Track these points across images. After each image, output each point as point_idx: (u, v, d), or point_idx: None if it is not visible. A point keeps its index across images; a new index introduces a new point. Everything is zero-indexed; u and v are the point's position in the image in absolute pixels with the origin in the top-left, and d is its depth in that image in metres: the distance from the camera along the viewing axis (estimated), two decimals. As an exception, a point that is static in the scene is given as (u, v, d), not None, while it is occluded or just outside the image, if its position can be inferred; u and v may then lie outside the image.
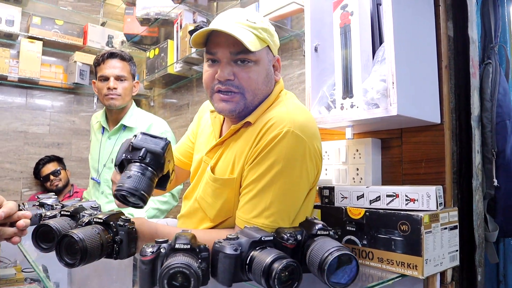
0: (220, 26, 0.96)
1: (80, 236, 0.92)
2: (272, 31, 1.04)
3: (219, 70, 0.99)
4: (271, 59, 1.05)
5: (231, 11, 1.04)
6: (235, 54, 0.97)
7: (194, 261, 0.76)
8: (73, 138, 3.54)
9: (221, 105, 1.02)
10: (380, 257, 1.01)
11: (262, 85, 1.02)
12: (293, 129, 0.94)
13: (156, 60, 2.84)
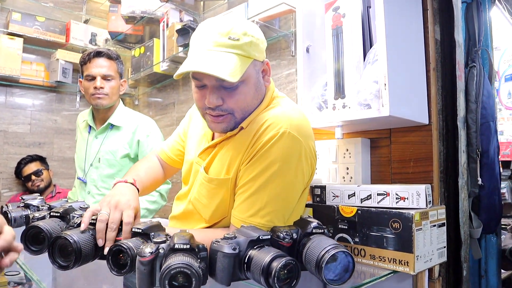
0: (199, 60, 0.93)
1: (74, 238, 0.91)
2: (256, 40, 0.98)
3: (208, 96, 0.97)
4: (258, 68, 1.02)
5: (212, 25, 0.97)
6: (221, 81, 0.93)
7: (194, 261, 0.76)
8: (55, 138, 3.47)
9: (212, 125, 1.02)
10: (372, 254, 1.04)
11: (251, 101, 1.01)
12: (289, 130, 0.95)
13: (141, 58, 2.82)
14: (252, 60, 0.98)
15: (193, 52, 0.97)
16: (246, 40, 0.95)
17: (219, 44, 0.94)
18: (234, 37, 0.94)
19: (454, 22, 1.22)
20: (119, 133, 1.91)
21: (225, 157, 1.04)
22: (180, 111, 2.86)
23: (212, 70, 0.90)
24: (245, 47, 0.95)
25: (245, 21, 1.01)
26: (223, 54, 0.93)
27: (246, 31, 0.96)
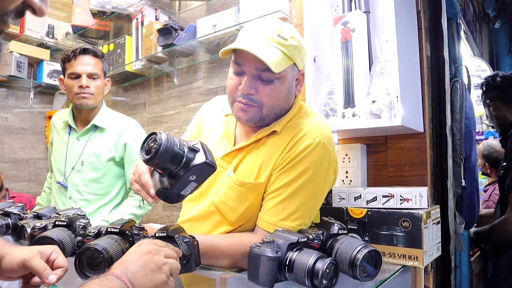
0: (249, 43, 1.00)
1: (103, 246, 0.90)
2: (300, 47, 1.06)
3: (243, 83, 1.03)
4: (295, 74, 1.09)
5: (265, 22, 1.06)
6: (261, 71, 1.01)
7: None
8: (6, 137, 3.23)
9: (239, 113, 1.07)
10: (383, 251, 1.13)
11: (281, 102, 1.07)
12: (323, 140, 1.02)
13: (110, 56, 2.72)
14: (293, 63, 1.05)
15: (244, 38, 1.04)
16: (292, 42, 1.03)
17: (269, 38, 1.01)
18: (283, 36, 1.02)
19: (444, 41, 1.35)
20: (103, 135, 1.85)
21: (255, 162, 1.07)
22: (151, 111, 2.81)
23: (260, 54, 0.97)
24: (290, 48, 1.03)
25: (295, 29, 1.08)
26: (271, 47, 1.00)
27: (294, 35, 1.05)
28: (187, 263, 0.92)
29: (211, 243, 1.03)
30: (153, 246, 0.79)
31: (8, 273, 0.85)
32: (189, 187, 0.91)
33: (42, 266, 0.83)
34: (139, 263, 0.73)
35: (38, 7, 0.52)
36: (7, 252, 0.86)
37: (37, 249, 0.88)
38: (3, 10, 0.49)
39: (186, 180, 0.89)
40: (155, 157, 0.84)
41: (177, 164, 0.88)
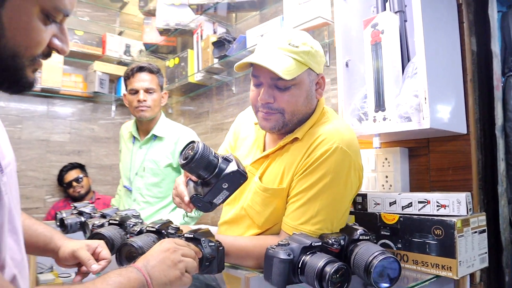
0: (260, 56, 1.05)
1: (139, 244, 1.00)
2: (314, 52, 1.08)
3: (261, 93, 1.08)
4: (313, 79, 1.11)
5: (277, 33, 1.10)
6: (276, 80, 1.05)
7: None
8: (93, 146, 3.62)
9: (263, 123, 1.12)
10: (415, 260, 1.09)
11: (301, 106, 1.09)
12: (341, 145, 1.03)
13: (176, 69, 2.93)
14: (307, 68, 1.07)
15: (257, 51, 1.10)
16: (305, 48, 1.06)
17: (280, 48, 1.05)
18: (294, 44, 1.05)
19: (491, 33, 1.25)
20: (162, 144, 2.02)
21: (278, 168, 1.11)
22: (214, 119, 2.95)
23: (268, 65, 1.01)
24: (302, 54, 1.05)
25: (307, 34, 1.11)
26: (282, 56, 1.04)
27: (306, 42, 1.07)
28: (210, 265, 0.98)
29: (238, 244, 1.09)
30: (173, 244, 0.86)
31: (63, 261, 1.00)
32: (221, 195, 0.97)
33: (87, 256, 0.97)
34: (158, 259, 0.81)
35: (61, 48, 0.66)
36: (62, 244, 1.01)
37: (85, 243, 1.03)
38: (34, 55, 0.62)
39: (219, 188, 0.96)
40: (191, 162, 0.93)
41: (211, 171, 0.95)
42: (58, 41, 0.66)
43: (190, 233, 1.01)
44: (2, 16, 0.57)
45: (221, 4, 2.46)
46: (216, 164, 0.96)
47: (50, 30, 0.64)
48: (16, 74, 0.62)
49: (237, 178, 0.95)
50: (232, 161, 0.98)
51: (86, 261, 0.97)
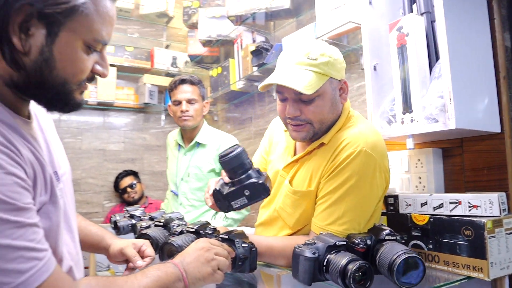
0: (281, 75, 1.10)
1: (178, 243, 1.10)
2: (333, 60, 1.11)
3: (288, 107, 1.13)
4: (335, 86, 1.14)
5: (294, 49, 1.14)
6: (299, 94, 1.09)
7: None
8: (145, 153, 3.84)
9: (293, 134, 1.18)
10: (446, 260, 1.09)
11: (328, 114, 1.14)
12: (365, 148, 1.06)
13: (219, 78, 3.05)
14: (328, 77, 1.11)
15: (277, 69, 1.15)
16: (323, 60, 1.09)
17: (299, 63, 1.10)
18: (312, 57, 1.09)
19: (525, 29, 1.22)
20: (204, 150, 2.14)
21: (307, 171, 1.17)
22: (257, 125, 3.04)
23: (289, 83, 1.06)
24: (321, 66, 1.09)
25: (325, 44, 1.15)
26: (301, 71, 1.08)
27: (324, 52, 1.11)
28: (243, 264, 1.05)
29: (271, 244, 1.15)
30: (207, 244, 0.94)
31: (113, 258, 1.13)
32: (240, 200, 1.04)
33: (133, 254, 1.09)
34: (193, 256, 0.90)
35: (102, 73, 0.78)
36: (112, 242, 1.14)
37: (132, 242, 1.14)
38: (80, 80, 0.74)
39: (240, 193, 1.04)
40: (226, 156, 1.03)
41: (241, 173, 1.04)
42: (99, 67, 0.77)
43: (225, 234, 1.08)
44: (53, 51, 0.69)
45: (258, 14, 2.54)
46: (247, 169, 1.04)
47: (92, 58, 0.75)
48: (67, 97, 0.74)
49: (259, 191, 1.02)
50: (263, 175, 1.06)
51: (132, 258, 1.08)
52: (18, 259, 0.60)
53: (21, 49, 0.67)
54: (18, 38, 0.66)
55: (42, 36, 0.68)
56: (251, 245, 1.07)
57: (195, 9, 3.39)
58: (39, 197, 0.71)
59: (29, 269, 0.61)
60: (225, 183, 1.08)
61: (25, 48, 0.67)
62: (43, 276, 0.63)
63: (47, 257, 0.65)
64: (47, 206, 0.74)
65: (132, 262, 1.09)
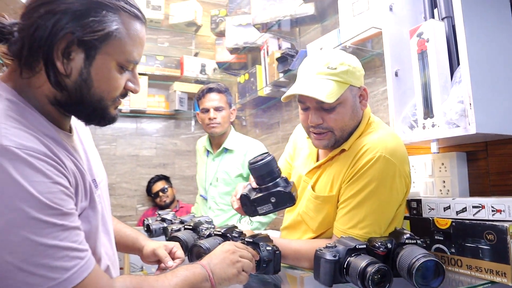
0: (302, 85, 1.14)
1: (206, 246, 1.16)
2: (352, 69, 1.14)
3: (310, 116, 1.17)
4: (355, 93, 1.17)
5: (313, 59, 1.18)
6: (321, 103, 1.12)
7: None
8: (176, 158, 3.96)
9: (316, 142, 1.22)
10: (469, 265, 1.09)
11: (349, 121, 1.17)
12: (384, 154, 1.09)
13: (246, 84, 3.12)
14: (349, 85, 1.14)
15: (298, 79, 1.19)
16: (343, 68, 1.13)
17: (320, 73, 1.13)
18: (332, 66, 1.13)
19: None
20: (232, 156, 2.21)
21: (329, 177, 1.21)
22: (284, 129, 3.08)
23: (311, 93, 1.10)
24: (341, 75, 1.13)
25: (343, 53, 1.19)
26: (322, 81, 1.12)
27: (344, 61, 1.14)
28: (267, 266, 1.10)
29: (294, 247, 1.20)
30: (233, 247, 1.00)
31: (146, 258, 1.21)
32: (265, 206, 1.10)
33: (165, 254, 1.16)
34: (220, 258, 0.95)
35: (133, 89, 0.86)
36: (145, 243, 1.22)
37: (163, 243, 1.22)
38: (114, 97, 0.82)
39: (266, 199, 1.09)
40: (256, 164, 1.08)
41: (269, 180, 1.09)
42: (131, 84, 0.85)
43: (250, 238, 1.14)
44: (91, 72, 0.77)
45: (283, 21, 2.59)
46: (275, 177, 1.09)
47: (124, 77, 0.83)
48: (103, 112, 0.83)
49: (285, 199, 1.07)
50: (290, 185, 1.10)
51: (163, 258, 1.15)
52: (64, 258, 0.68)
53: (63, 72, 0.75)
54: (61, 62, 0.75)
55: (81, 60, 0.76)
56: (275, 248, 1.12)
57: (222, 18, 3.49)
58: (80, 203, 0.79)
59: (73, 267, 0.68)
60: (253, 188, 1.13)
61: (67, 71, 0.76)
62: (84, 273, 0.70)
63: (87, 256, 0.72)
64: (87, 211, 0.82)
65: (163, 262, 1.16)
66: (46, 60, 0.74)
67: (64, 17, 0.73)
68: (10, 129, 0.69)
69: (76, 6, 0.74)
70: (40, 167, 0.68)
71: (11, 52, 0.78)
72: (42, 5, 0.74)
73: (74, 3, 0.74)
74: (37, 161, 0.68)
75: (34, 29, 0.73)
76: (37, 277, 0.65)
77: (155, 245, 1.20)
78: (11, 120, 0.71)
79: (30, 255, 0.65)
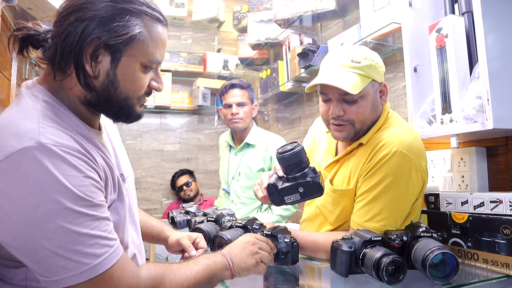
0: (327, 76, 1.17)
1: (228, 237, 1.21)
2: (375, 64, 1.17)
3: (331, 108, 1.19)
4: (376, 88, 1.20)
5: (337, 52, 1.21)
6: (343, 95, 1.16)
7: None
8: (199, 153, 4.04)
9: (335, 134, 1.24)
10: (485, 258, 1.10)
11: (369, 115, 1.20)
12: (401, 149, 1.11)
13: (268, 79, 3.16)
14: (371, 80, 1.18)
15: (323, 71, 1.22)
16: (366, 63, 1.16)
17: (344, 65, 1.17)
18: (356, 60, 1.16)
19: None
20: (254, 151, 2.26)
21: (346, 171, 1.24)
22: (306, 124, 3.10)
23: (337, 83, 1.13)
24: (365, 69, 1.16)
25: (366, 49, 1.21)
26: (346, 73, 1.16)
27: (367, 56, 1.18)
28: (285, 258, 1.14)
29: (312, 239, 1.23)
30: (253, 238, 1.05)
31: (171, 248, 1.27)
32: (293, 196, 1.10)
33: (188, 244, 1.22)
34: (240, 248, 1.00)
35: (157, 87, 0.91)
36: (170, 234, 1.28)
37: (187, 234, 1.28)
38: (139, 95, 0.88)
39: (294, 188, 1.09)
40: (286, 153, 1.08)
41: (297, 170, 1.08)
42: (155, 83, 0.91)
43: (268, 230, 1.18)
44: (117, 73, 0.83)
45: (304, 16, 2.61)
46: (304, 167, 1.09)
47: (148, 76, 0.89)
48: (129, 110, 0.89)
49: (313, 189, 1.07)
50: (319, 175, 1.10)
51: (187, 248, 1.21)
52: (95, 245, 0.74)
53: (92, 74, 0.82)
54: (90, 65, 0.81)
55: (107, 62, 0.82)
56: (293, 240, 1.16)
57: (244, 14, 3.52)
58: (110, 196, 0.86)
59: (103, 254, 0.75)
60: (279, 177, 1.14)
61: (95, 73, 0.82)
62: (113, 260, 0.76)
63: (116, 245, 0.78)
64: (116, 203, 0.89)
65: (187, 252, 1.22)
66: (76, 63, 0.81)
67: (91, 23, 0.80)
68: (47, 128, 0.75)
69: (102, 12, 0.80)
70: (74, 162, 0.75)
71: (46, 57, 0.85)
72: (72, 13, 0.81)
73: (100, 10, 0.80)
74: (71, 157, 0.75)
75: (65, 36, 0.80)
76: (71, 262, 0.72)
77: (180, 235, 1.26)
78: (48, 119, 0.78)
79: (65, 241, 0.71)
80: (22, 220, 0.70)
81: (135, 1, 0.83)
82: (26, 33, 0.85)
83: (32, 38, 0.86)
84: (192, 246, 1.23)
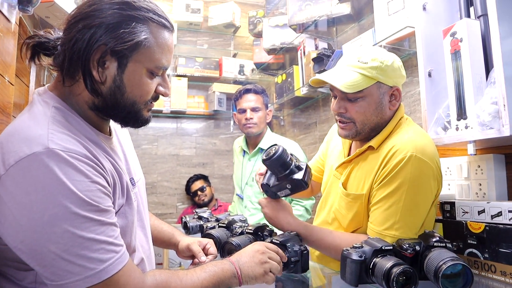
0: (329, 73, 1.19)
1: (237, 242, 1.20)
2: (385, 67, 1.14)
3: (334, 104, 1.22)
4: (384, 91, 1.18)
5: (352, 51, 1.22)
6: (345, 93, 1.16)
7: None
8: (215, 158, 4.05)
9: (339, 131, 1.26)
10: (503, 271, 1.06)
11: (371, 116, 1.19)
12: (415, 153, 1.09)
13: (284, 84, 3.14)
14: (376, 81, 1.16)
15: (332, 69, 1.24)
16: (373, 64, 1.15)
17: (349, 65, 1.18)
18: (362, 60, 1.16)
19: None
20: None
21: (359, 174, 1.22)
22: (322, 129, 3.08)
23: (331, 80, 1.16)
24: (370, 69, 1.15)
25: (381, 51, 1.20)
26: (349, 72, 1.16)
27: (377, 57, 1.16)
28: (294, 266, 1.13)
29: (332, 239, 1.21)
30: (263, 247, 1.04)
31: (181, 253, 1.27)
32: (283, 191, 1.24)
33: (198, 250, 1.22)
34: (249, 257, 0.99)
35: (164, 92, 0.92)
36: (181, 239, 1.29)
37: (197, 239, 1.28)
38: (146, 100, 0.89)
39: (283, 186, 1.23)
40: (268, 160, 1.20)
41: (283, 171, 1.21)
42: (162, 88, 0.92)
43: (277, 239, 1.17)
44: (123, 79, 0.84)
45: (320, 21, 2.59)
46: (288, 167, 1.21)
47: (155, 81, 0.89)
48: (136, 115, 0.89)
49: (298, 185, 1.20)
50: (302, 170, 1.21)
51: (197, 253, 1.21)
52: (100, 250, 0.74)
53: (99, 79, 0.83)
54: (97, 71, 0.82)
55: (114, 68, 0.83)
56: (303, 248, 1.14)
57: (260, 19, 3.53)
58: (118, 200, 0.86)
59: (108, 259, 0.75)
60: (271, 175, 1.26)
61: (102, 78, 0.83)
62: (119, 266, 0.76)
63: (122, 251, 0.79)
64: (124, 207, 0.89)
65: (196, 257, 1.22)
66: (83, 69, 0.82)
67: (98, 30, 0.81)
68: (56, 134, 0.77)
69: (109, 20, 0.81)
70: (81, 167, 0.75)
71: (56, 63, 0.87)
72: (80, 21, 0.82)
73: (107, 17, 0.81)
74: (79, 162, 0.76)
75: (73, 42, 0.81)
76: (76, 266, 0.72)
77: (190, 241, 1.26)
78: (57, 125, 0.79)
79: (70, 246, 0.72)
80: (29, 224, 0.71)
81: (141, 8, 0.84)
82: (37, 40, 0.87)
83: (43, 46, 0.87)
84: (202, 252, 1.23)
